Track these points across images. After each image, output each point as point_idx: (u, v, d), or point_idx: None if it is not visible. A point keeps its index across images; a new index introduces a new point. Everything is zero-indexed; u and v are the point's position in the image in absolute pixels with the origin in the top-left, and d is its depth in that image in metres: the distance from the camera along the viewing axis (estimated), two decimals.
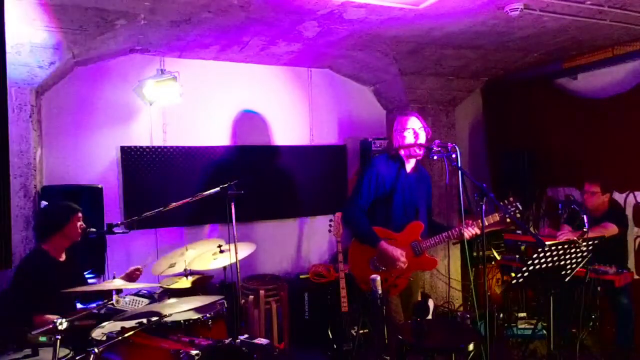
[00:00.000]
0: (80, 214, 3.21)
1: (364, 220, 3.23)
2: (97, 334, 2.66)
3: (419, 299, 3.63)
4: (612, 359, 3.92)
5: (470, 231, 3.11)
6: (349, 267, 3.30)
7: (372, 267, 3.20)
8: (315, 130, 5.22)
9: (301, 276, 4.84)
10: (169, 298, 3.28)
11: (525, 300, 4.79)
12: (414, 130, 3.25)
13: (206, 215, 4.49)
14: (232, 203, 3.48)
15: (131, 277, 3.30)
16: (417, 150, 3.25)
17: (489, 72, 5.17)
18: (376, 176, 3.27)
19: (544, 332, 4.13)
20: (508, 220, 3.22)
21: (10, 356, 2.45)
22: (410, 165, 3.35)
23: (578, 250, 3.08)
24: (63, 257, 3.21)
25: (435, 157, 3.25)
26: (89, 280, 3.69)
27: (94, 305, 3.14)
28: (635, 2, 3.36)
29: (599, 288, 3.71)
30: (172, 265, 3.72)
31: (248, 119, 4.89)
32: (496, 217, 3.19)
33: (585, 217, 3.40)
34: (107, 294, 3.31)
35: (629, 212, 4.47)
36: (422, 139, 3.25)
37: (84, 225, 3.23)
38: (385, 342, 3.13)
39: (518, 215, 3.12)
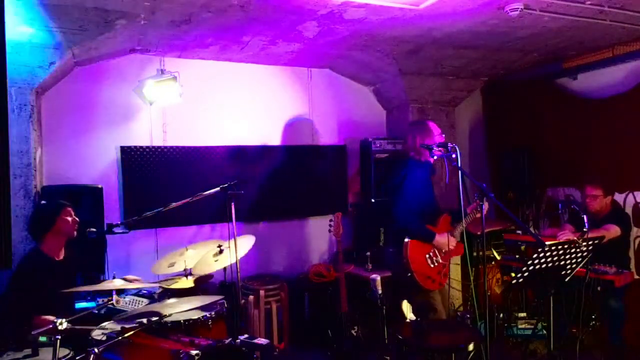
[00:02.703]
0: (69, 209, 3.20)
1: (417, 222, 3.54)
2: (97, 334, 2.66)
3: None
4: (611, 359, 3.93)
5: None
6: (412, 267, 3.48)
7: (429, 262, 3.54)
8: (315, 130, 5.22)
9: (301, 276, 4.85)
10: (169, 298, 3.28)
11: (525, 300, 4.79)
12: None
13: (206, 215, 4.49)
14: (232, 203, 3.48)
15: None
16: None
17: (489, 72, 5.17)
18: (414, 180, 3.54)
19: (544, 332, 4.13)
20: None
21: (10, 356, 2.45)
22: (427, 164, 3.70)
23: (578, 250, 3.08)
24: (61, 256, 3.21)
25: (435, 157, 3.34)
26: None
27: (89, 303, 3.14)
28: (635, 2, 3.36)
29: (599, 288, 3.71)
30: (171, 265, 3.72)
31: (248, 120, 4.89)
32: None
33: (585, 217, 3.39)
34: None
35: (629, 212, 4.45)
36: None
37: (77, 219, 3.22)
38: (386, 342, 3.14)
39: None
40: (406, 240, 3.48)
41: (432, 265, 3.54)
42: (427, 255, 3.53)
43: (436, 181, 5.24)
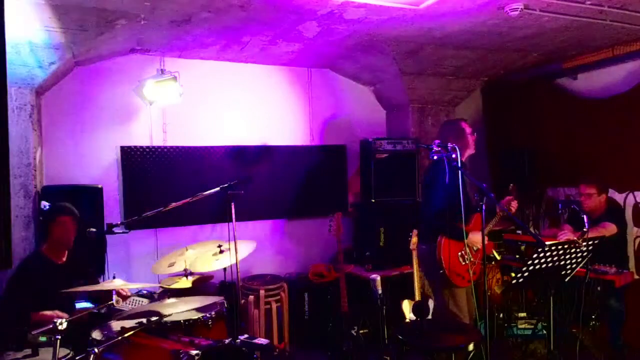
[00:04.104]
0: (63, 218, 3.13)
1: (449, 222, 3.46)
2: (97, 334, 2.66)
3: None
4: (611, 359, 3.93)
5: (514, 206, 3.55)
6: (444, 264, 3.47)
7: (460, 260, 3.51)
8: (315, 130, 5.22)
9: (301, 276, 4.84)
10: (169, 298, 3.28)
11: (525, 300, 4.79)
12: None
13: (206, 215, 4.49)
14: (232, 203, 3.48)
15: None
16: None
17: (489, 72, 5.17)
18: (445, 178, 3.42)
19: (544, 332, 4.13)
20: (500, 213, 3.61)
21: (10, 356, 2.45)
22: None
23: (578, 250, 3.08)
24: (63, 259, 3.20)
25: (435, 157, 3.33)
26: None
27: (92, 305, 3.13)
28: (635, 2, 3.36)
29: (599, 288, 3.71)
30: (171, 265, 3.72)
31: (248, 120, 4.89)
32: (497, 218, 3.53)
33: (585, 217, 3.39)
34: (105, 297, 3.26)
35: (629, 212, 4.46)
36: None
37: (72, 231, 3.14)
38: (386, 342, 3.15)
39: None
40: (440, 237, 3.50)
41: (463, 263, 3.55)
42: (460, 253, 3.55)
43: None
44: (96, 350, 2.26)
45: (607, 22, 3.67)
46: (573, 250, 3.07)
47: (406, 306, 4.03)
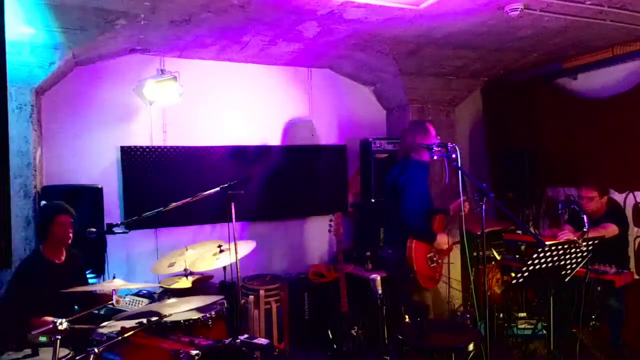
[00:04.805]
0: (63, 217, 3.13)
1: (423, 223, 3.59)
2: (97, 334, 2.66)
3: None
4: (611, 359, 3.93)
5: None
6: (415, 267, 3.52)
7: (429, 263, 3.59)
8: (315, 130, 5.22)
9: (301, 276, 4.84)
10: (169, 298, 3.28)
11: (525, 300, 4.79)
12: None
13: (206, 215, 4.49)
14: (232, 203, 3.48)
15: None
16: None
17: (489, 72, 5.17)
18: (418, 181, 3.59)
19: (544, 332, 4.13)
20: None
21: (10, 356, 2.45)
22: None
23: (578, 250, 3.08)
24: (62, 259, 3.19)
25: (435, 157, 3.36)
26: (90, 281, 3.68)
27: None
28: (635, 2, 3.36)
29: (599, 288, 3.71)
30: (171, 265, 3.72)
31: (248, 120, 4.89)
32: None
33: (585, 217, 3.39)
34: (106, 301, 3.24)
35: (629, 212, 4.46)
36: None
37: (71, 229, 3.14)
38: (386, 342, 3.15)
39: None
40: (411, 240, 3.50)
41: (431, 265, 3.58)
42: (428, 256, 3.57)
43: (436, 181, 5.28)
44: (96, 350, 2.26)
45: (607, 22, 3.67)
46: (573, 250, 3.07)
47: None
